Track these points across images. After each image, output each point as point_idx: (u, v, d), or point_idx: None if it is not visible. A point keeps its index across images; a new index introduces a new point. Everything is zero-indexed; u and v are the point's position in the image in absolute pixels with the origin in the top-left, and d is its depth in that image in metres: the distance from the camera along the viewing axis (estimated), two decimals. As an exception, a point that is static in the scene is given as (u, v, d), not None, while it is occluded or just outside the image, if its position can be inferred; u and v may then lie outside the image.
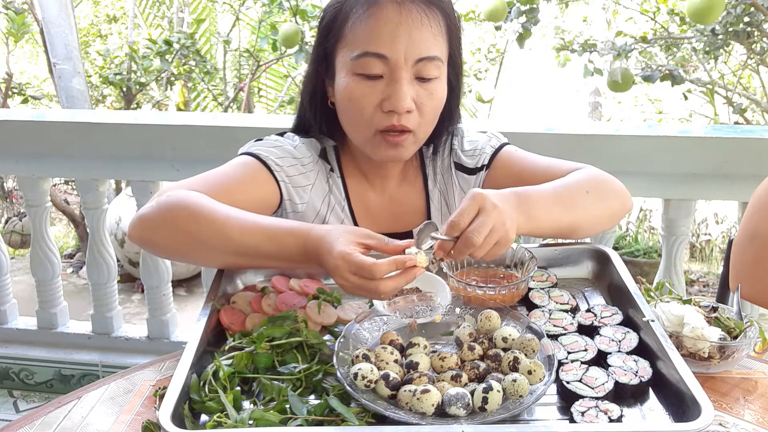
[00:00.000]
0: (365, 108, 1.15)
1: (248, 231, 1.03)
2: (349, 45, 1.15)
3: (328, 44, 1.19)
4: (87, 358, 2.55)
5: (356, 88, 1.15)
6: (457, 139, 1.34)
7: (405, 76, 1.13)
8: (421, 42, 1.12)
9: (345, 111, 1.20)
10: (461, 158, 1.33)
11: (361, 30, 1.13)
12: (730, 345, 1.01)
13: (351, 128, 1.22)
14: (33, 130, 2.35)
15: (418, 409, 0.82)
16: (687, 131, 2.21)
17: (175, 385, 0.83)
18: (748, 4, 3.12)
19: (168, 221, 1.06)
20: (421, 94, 1.15)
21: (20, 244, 5.09)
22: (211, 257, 1.08)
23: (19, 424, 0.95)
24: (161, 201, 1.07)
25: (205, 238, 1.04)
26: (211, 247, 1.04)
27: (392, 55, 1.12)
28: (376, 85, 1.14)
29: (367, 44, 1.12)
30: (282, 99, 6.06)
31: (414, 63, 1.13)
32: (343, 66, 1.17)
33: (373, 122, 1.16)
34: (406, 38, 1.11)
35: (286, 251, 1.01)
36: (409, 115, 1.15)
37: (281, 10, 4.21)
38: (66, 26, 4.40)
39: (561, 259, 1.21)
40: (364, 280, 0.91)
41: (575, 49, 3.68)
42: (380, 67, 1.13)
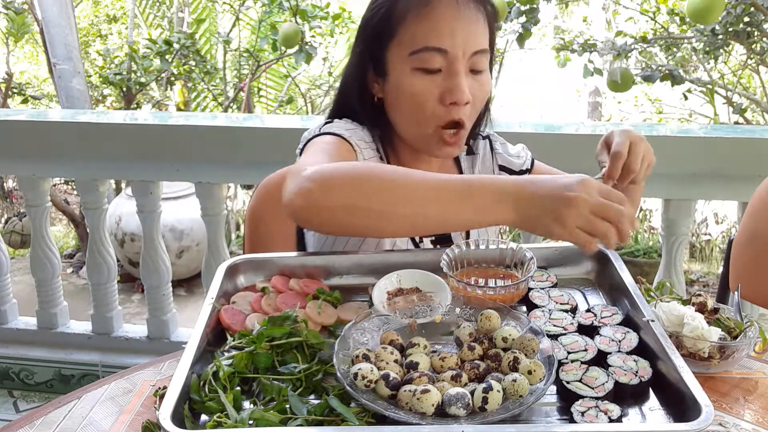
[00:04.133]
0: (427, 102, 1.18)
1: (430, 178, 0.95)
2: (404, 42, 1.18)
3: (378, 43, 1.22)
4: (87, 358, 2.56)
5: (417, 82, 1.18)
6: (498, 144, 1.43)
7: (462, 69, 1.17)
8: (476, 36, 1.18)
9: (404, 106, 1.22)
10: (508, 160, 1.41)
11: (419, 27, 1.16)
12: (730, 345, 1.01)
13: (408, 124, 1.24)
14: (33, 130, 2.35)
15: (418, 409, 0.82)
16: (687, 131, 2.21)
17: (175, 385, 0.83)
18: (748, 4, 3.12)
19: (343, 178, 0.94)
20: (474, 86, 1.19)
21: (20, 244, 5.08)
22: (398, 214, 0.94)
23: (19, 424, 0.95)
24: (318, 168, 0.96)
25: (394, 189, 0.94)
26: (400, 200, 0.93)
27: (452, 49, 1.16)
28: (435, 79, 1.17)
29: (427, 39, 1.16)
30: (282, 99, 6.06)
31: (470, 56, 1.17)
32: (399, 62, 1.19)
33: (433, 117, 1.19)
34: (463, 33, 1.16)
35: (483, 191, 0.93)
36: (466, 107, 1.19)
37: (281, 10, 4.21)
38: (66, 26, 4.40)
39: (561, 259, 1.21)
40: (611, 203, 0.90)
41: (575, 49, 3.68)
42: (440, 62, 1.16)
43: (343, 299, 1.11)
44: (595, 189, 0.90)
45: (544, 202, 0.90)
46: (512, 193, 0.92)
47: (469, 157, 1.40)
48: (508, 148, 1.44)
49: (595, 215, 0.89)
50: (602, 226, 0.90)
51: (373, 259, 1.18)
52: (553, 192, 0.90)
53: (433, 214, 0.94)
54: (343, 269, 1.18)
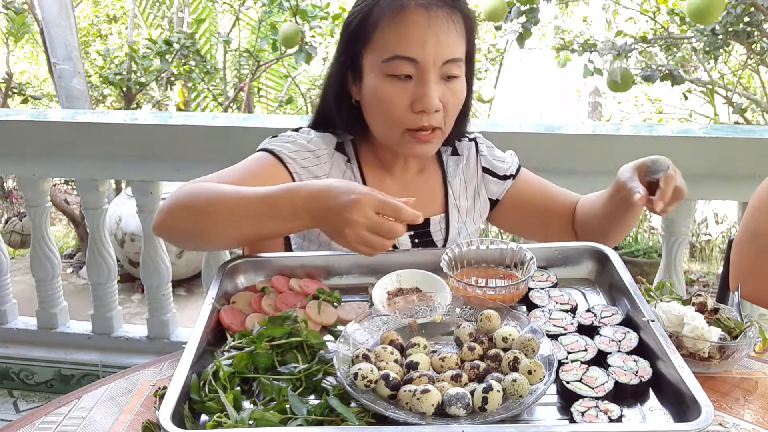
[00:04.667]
0: (396, 108, 1.20)
1: (242, 197, 1.07)
2: (378, 49, 1.20)
3: (355, 48, 1.24)
4: (87, 358, 2.55)
5: (387, 89, 1.20)
6: (484, 147, 1.44)
7: (433, 77, 1.19)
8: (447, 45, 1.18)
9: (374, 110, 1.24)
10: (492, 164, 1.42)
11: (391, 35, 1.18)
12: (730, 345, 1.01)
13: (379, 127, 1.26)
14: (33, 130, 2.35)
15: (418, 409, 0.82)
16: (687, 131, 2.21)
17: (175, 385, 0.83)
18: (748, 4, 3.12)
19: (179, 204, 1.10)
20: (446, 93, 1.21)
21: (20, 244, 5.09)
22: (218, 232, 1.09)
23: (19, 424, 0.95)
24: (175, 192, 1.13)
25: (211, 211, 1.07)
26: (217, 220, 1.07)
27: (422, 59, 1.17)
28: (405, 86, 1.19)
29: (398, 48, 1.18)
30: (282, 99, 6.06)
31: (441, 65, 1.19)
32: (372, 68, 1.22)
33: (403, 122, 1.21)
34: (434, 42, 1.17)
35: (278, 209, 1.05)
36: (436, 114, 1.20)
37: (281, 10, 4.21)
38: (66, 26, 4.40)
39: (561, 259, 1.21)
40: (384, 220, 0.98)
41: (575, 49, 3.68)
42: (410, 69, 1.18)
43: (343, 299, 1.11)
44: (370, 208, 0.98)
45: (330, 220, 1.02)
46: (305, 209, 1.03)
47: (454, 157, 1.42)
48: (494, 151, 1.45)
49: (370, 232, 0.99)
50: (376, 242, 1.00)
51: (373, 259, 1.18)
52: (335, 211, 1.00)
53: (248, 229, 1.08)
54: (343, 269, 1.18)
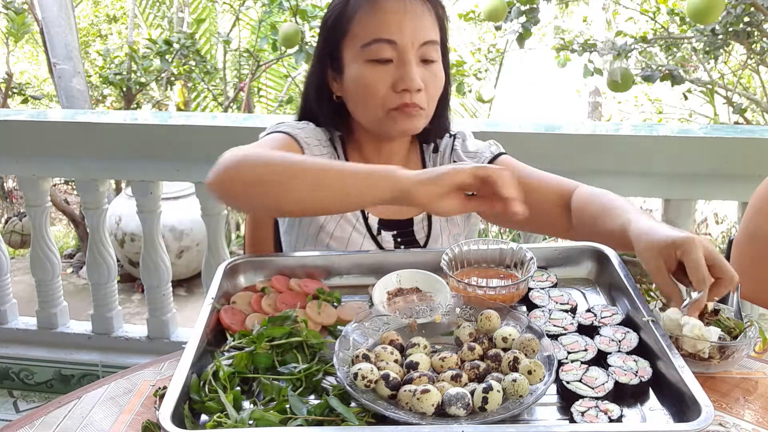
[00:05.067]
0: (378, 90, 1.23)
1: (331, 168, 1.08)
2: (356, 37, 1.24)
3: (334, 41, 1.27)
4: (87, 358, 2.55)
5: (369, 73, 1.23)
6: (459, 141, 1.42)
7: (412, 59, 1.22)
8: (423, 28, 1.24)
9: (358, 96, 1.27)
10: (461, 158, 1.39)
11: (369, 21, 1.23)
12: (730, 345, 1.01)
13: (363, 112, 1.28)
14: (33, 130, 2.35)
15: (418, 409, 0.82)
16: (687, 131, 2.21)
17: (175, 385, 0.83)
18: (748, 4, 3.12)
19: (249, 164, 1.08)
20: (426, 75, 1.24)
21: (20, 244, 5.09)
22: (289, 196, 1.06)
23: (19, 424, 0.95)
24: (237, 152, 1.10)
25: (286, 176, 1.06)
26: (290, 187, 1.06)
27: (401, 40, 1.22)
28: (387, 69, 1.23)
29: (377, 32, 1.22)
30: (282, 99, 6.06)
31: (419, 47, 1.23)
32: (352, 57, 1.25)
33: (386, 103, 1.24)
34: (411, 25, 1.22)
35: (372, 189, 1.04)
36: (419, 94, 1.24)
37: (281, 10, 4.20)
38: (66, 26, 4.40)
39: (561, 259, 1.21)
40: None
41: (575, 49, 3.68)
42: (390, 52, 1.22)
43: (342, 299, 1.11)
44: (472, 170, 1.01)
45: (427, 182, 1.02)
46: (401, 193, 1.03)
47: (435, 155, 1.43)
48: (467, 145, 1.41)
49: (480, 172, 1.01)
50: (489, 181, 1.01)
51: (373, 259, 1.18)
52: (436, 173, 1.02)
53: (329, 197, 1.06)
54: (343, 269, 1.18)
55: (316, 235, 1.32)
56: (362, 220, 1.33)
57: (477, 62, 5.23)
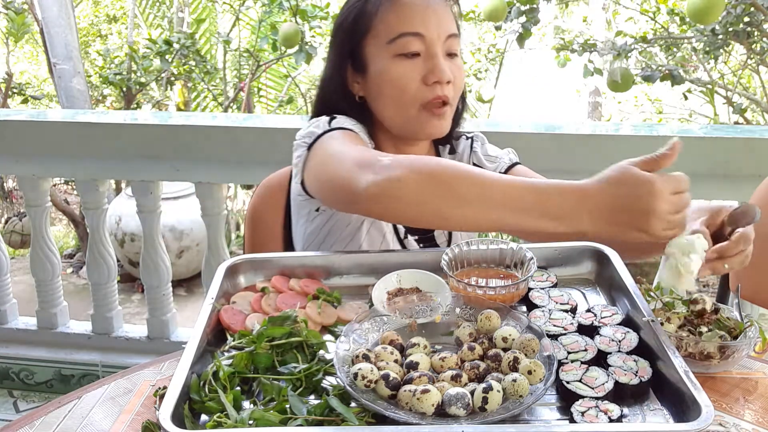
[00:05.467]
0: (408, 85, 1.22)
1: (507, 184, 0.95)
2: (381, 33, 1.23)
3: (354, 40, 1.26)
4: (87, 358, 2.55)
5: (397, 68, 1.22)
6: (478, 144, 1.43)
7: (440, 51, 1.22)
8: (447, 20, 1.24)
9: (385, 95, 1.25)
10: (482, 161, 1.40)
11: (393, 16, 1.22)
12: (730, 345, 1.01)
13: (393, 110, 1.26)
14: (33, 130, 2.35)
15: (418, 409, 0.82)
16: (687, 131, 2.21)
17: (175, 385, 0.83)
18: (748, 4, 3.12)
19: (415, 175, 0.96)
20: (453, 68, 1.24)
21: (20, 244, 5.09)
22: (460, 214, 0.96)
23: (19, 424, 0.95)
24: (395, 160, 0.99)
25: (461, 191, 0.95)
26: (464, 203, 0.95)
27: (428, 33, 1.21)
28: (415, 63, 1.22)
29: (403, 26, 1.21)
30: (282, 99, 6.06)
31: (445, 39, 1.23)
32: (377, 54, 1.24)
33: (417, 97, 1.22)
34: (435, 18, 1.22)
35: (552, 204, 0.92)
36: (448, 86, 1.23)
37: (281, 10, 4.21)
38: (66, 26, 4.40)
39: (561, 259, 1.21)
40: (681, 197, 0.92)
41: (575, 49, 3.68)
42: (417, 46, 1.21)
43: (343, 299, 1.11)
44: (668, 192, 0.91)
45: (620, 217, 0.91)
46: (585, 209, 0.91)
47: (452, 156, 1.42)
48: (488, 148, 1.42)
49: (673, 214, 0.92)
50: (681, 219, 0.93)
51: (373, 259, 1.18)
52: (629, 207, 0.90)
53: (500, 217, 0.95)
54: (343, 269, 1.18)
55: (352, 236, 1.29)
56: (392, 224, 1.32)
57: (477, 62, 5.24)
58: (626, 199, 0.90)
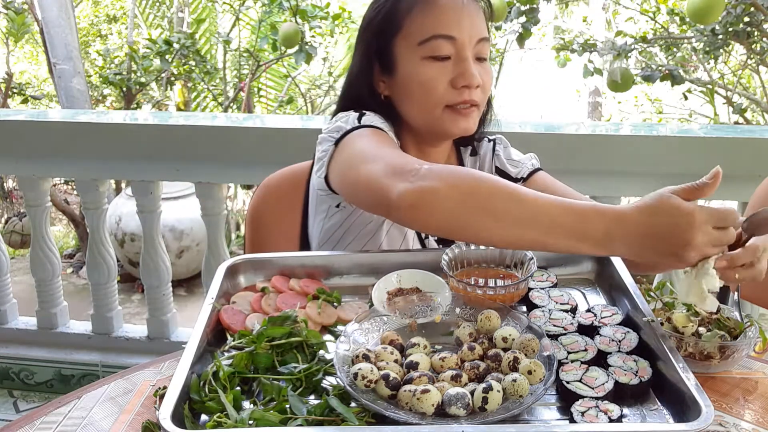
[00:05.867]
0: (437, 88, 1.21)
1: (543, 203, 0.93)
2: (413, 34, 1.22)
3: (383, 39, 1.25)
4: (87, 358, 2.55)
5: (426, 71, 1.21)
6: (501, 147, 1.42)
7: (470, 55, 1.22)
8: (479, 24, 1.24)
9: (412, 95, 1.24)
10: (505, 165, 1.40)
11: (425, 17, 1.21)
12: (730, 345, 1.01)
13: (419, 111, 1.25)
14: (33, 130, 2.35)
15: (418, 409, 0.82)
16: (687, 131, 2.21)
17: (175, 385, 0.83)
18: (748, 4, 3.12)
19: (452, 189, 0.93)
20: (481, 72, 1.24)
21: (20, 244, 5.09)
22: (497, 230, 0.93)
23: (19, 424, 0.95)
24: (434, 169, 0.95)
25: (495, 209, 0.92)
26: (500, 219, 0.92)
27: (459, 36, 1.20)
28: (445, 65, 1.21)
29: (435, 28, 1.20)
30: (282, 99, 6.06)
31: (476, 43, 1.22)
32: (407, 54, 1.23)
33: (443, 100, 1.22)
34: (468, 21, 1.21)
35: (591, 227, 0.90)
36: (477, 90, 1.23)
37: (281, 10, 4.21)
38: (66, 26, 4.40)
39: (561, 259, 1.21)
40: (723, 233, 0.90)
41: (575, 49, 3.68)
42: (448, 49, 1.20)
43: (342, 299, 1.11)
44: (709, 224, 0.89)
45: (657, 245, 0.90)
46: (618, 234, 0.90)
47: (473, 158, 1.41)
48: (511, 152, 1.42)
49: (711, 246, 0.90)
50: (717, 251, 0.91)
51: (373, 259, 1.18)
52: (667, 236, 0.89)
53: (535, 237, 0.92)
54: (343, 269, 1.18)
55: (371, 235, 1.28)
56: None
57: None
58: (665, 228, 0.89)
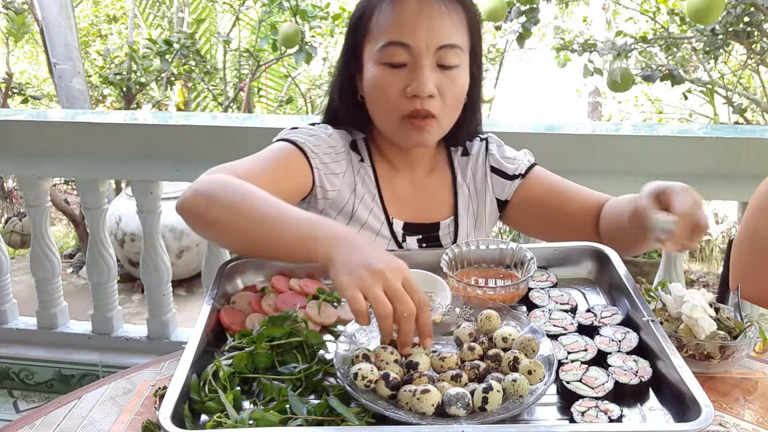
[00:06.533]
0: (390, 95, 1.20)
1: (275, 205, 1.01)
2: (374, 38, 1.22)
3: (356, 40, 1.26)
4: (87, 358, 2.55)
5: (382, 76, 1.20)
6: (494, 146, 1.41)
7: (427, 63, 1.18)
8: (441, 30, 1.18)
9: (372, 99, 1.25)
10: (500, 162, 1.38)
11: (385, 22, 1.20)
12: (730, 345, 1.01)
13: (378, 116, 1.26)
14: (33, 130, 2.35)
15: (418, 409, 0.82)
16: (687, 131, 2.21)
17: (175, 385, 0.83)
18: (748, 4, 3.12)
19: (213, 193, 1.05)
20: (443, 81, 1.20)
21: (20, 244, 5.09)
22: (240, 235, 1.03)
23: (19, 424, 0.95)
24: (208, 177, 1.08)
25: (244, 213, 1.01)
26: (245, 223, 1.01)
27: (414, 43, 1.17)
28: (400, 73, 1.19)
29: (391, 34, 1.19)
30: (282, 99, 6.06)
31: (435, 51, 1.18)
32: (369, 58, 1.23)
33: (398, 108, 1.20)
34: (426, 27, 1.17)
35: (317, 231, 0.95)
36: (431, 101, 1.19)
37: (281, 10, 4.21)
38: (66, 26, 4.40)
39: (561, 259, 1.21)
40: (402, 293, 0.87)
41: (575, 49, 3.67)
42: (404, 56, 1.18)
43: (342, 299, 1.11)
44: (399, 278, 0.88)
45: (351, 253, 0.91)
46: None
47: (464, 158, 1.40)
48: (504, 150, 1.41)
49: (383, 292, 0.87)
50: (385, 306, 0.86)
51: (373, 259, 1.18)
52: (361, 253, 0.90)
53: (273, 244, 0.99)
54: (343, 269, 1.18)
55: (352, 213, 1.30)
56: (387, 225, 1.31)
57: (478, 62, 5.23)
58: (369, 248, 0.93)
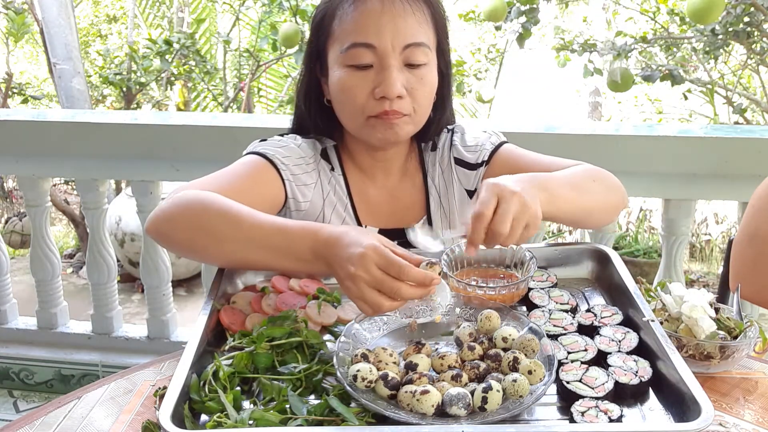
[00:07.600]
0: (358, 97, 1.18)
1: (259, 224, 1.03)
2: (338, 40, 1.19)
3: (319, 43, 1.23)
4: (87, 358, 2.55)
5: (348, 79, 1.18)
6: (458, 136, 1.36)
7: (394, 63, 1.16)
8: (406, 29, 1.16)
9: (339, 103, 1.23)
10: (462, 153, 1.34)
11: (348, 24, 1.17)
12: (730, 345, 1.01)
13: (346, 119, 1.24)
14: (33, 130, 2.35)
15: (418, 409, 0.82)
16: (687, 131, 2.21)
17: (175, 385, 0.83)
18: (748, 4, 3.12)
19: (183, 215, 1.07)
20: (411, 80, 1.18)
21: (20, 244, 5.08)
22: (222, 251, 1.06)
23: (19, 424, 0.95)
24: (176, 197, 1.09)
25: (217, 231, 1.04)
26: (222, 240, 1.04)
27: (379, 44, 1.15)
28: (367, 74, 1.17)
29: (355, 36, 1.16)
30: (282, 99, 6.06)
31: (402, 50, 1.16)
32: (334, 61, 1.20)
33: (366, 109, 1.18)
34: (391, 27, 1.15)
35: (294, 246, 1.00)
36: (401, 101, 1.17)
37: (281, 10, 4.21)
38: (66, 26, 4.40)
39: (561, 259, 1.21)
40: (387, 278, 0.90)
41: (575, 49, 3.68)
42: (369, 57, 1.16)
43: (342, 299, 1.11)
44: (373, 263, 0.90)
45: (338, 269, 0.95)
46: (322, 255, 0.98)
47: (433, 153, 1.37)
48: (466, 139, 1.35)
49: (372, 289, 0.91)
50: (376, 301, 0.91)
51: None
52: (341, 262, 0.94)
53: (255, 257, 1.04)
54: (343, 269, 1.18)
55: None
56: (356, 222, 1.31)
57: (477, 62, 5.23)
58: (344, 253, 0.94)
